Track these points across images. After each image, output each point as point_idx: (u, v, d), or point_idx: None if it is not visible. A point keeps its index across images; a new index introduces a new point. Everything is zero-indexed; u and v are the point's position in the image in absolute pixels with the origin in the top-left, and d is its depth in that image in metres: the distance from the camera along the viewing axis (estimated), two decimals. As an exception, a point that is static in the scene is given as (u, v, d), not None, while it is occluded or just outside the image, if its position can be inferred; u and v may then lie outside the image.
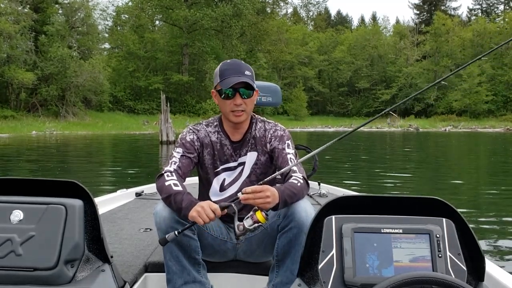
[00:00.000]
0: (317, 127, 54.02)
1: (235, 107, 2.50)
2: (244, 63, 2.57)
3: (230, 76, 2.47)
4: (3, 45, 38.70)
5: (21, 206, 1.95)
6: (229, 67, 2.51)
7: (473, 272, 1.86)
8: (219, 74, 2.51)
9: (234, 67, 2.51)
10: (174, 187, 2.32)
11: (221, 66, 2.55)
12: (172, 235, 2.22)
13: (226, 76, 2.48)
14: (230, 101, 2.50)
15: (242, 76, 2.47)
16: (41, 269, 1.85)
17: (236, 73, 2.47)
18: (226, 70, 2.50)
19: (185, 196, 2.27)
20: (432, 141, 30.48)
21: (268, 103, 3.62)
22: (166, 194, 2.32)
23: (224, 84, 2.47)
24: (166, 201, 2.34)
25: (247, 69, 2.52)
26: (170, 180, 2.36)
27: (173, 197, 2.29)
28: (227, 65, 2.53)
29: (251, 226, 2.17)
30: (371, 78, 69.09)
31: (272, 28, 61.67)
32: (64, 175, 12.10)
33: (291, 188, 2.30)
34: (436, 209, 1.94)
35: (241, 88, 2.48)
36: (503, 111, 57.11)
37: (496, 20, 70.75)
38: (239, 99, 2.49)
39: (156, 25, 63.81)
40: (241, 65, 2.53)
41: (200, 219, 2.15)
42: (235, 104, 2.49)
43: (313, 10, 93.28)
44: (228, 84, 2.46)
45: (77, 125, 39.65)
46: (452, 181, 12.01)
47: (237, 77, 2.46)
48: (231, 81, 2.45)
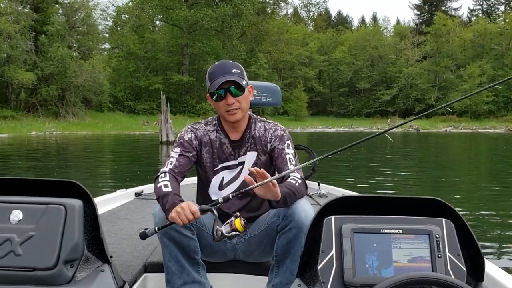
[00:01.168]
0: (318, 128, 54.01)
1: (228, 106, 2.51)
2: (232, 62, 2.59)
3: (217, 77, 2.48)
4: (3, 45, 38.65)
5: (21, 206, 1.95)
6: (216, 69, 2.53)
7: (473, 272, 1.86)
8: (208, 78, 2.54)
9: (220, 68, 2.53)
10: (164, 189, 2.36)
11: (210, 69, 2.58)
12: (152, 230, 2.28)
13: (214, 78, 2.49)
14: (222, 102, 2.52)
15: (229, 75, 2.49)
16: (41, 269, 1.85)
17: (222, 73, 2.49)
18: (214, 72, 2.52)
19: (170, 197, 2.30)
20: (433, 141, 30.48)
21: (268, 103, 3.62)
22: (157, 195, 2.38)
23: (213, 86, 2.49)
24: (158, 202, 2.38)
25: (234, 67, 2.54)
26: (162, 182, 2.40)
27: (161, 199, 2.33)
28: (215, 68, 2.55)
29: (229, 233, 2.20)
30: (372, 78, 69.01)
31: (272, 29, 61.69)
32: (63, 175, 12.11)
33: (291, 188, 2.30)
34: (435, 209, 1.94)
35: (231, 87, 2.49)
36: (504, 111, 57.05)
37: (497, 21, 70.65)
38: (230, 98, 2.50)
39: (157, 25, 63.81)
40: (228, 64, 2.55)
41: (178, 219, 2.19)
42: (227, 104, 2.51)
43: (314, 11, 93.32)
44: (216, 86, 2.47)
45: (77, 125, 39.65)
46: (453, 181, 12.01)
47: (224, 77, 2.47)
48: (218, 82, 2.47)
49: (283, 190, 2.24)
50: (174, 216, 2.19)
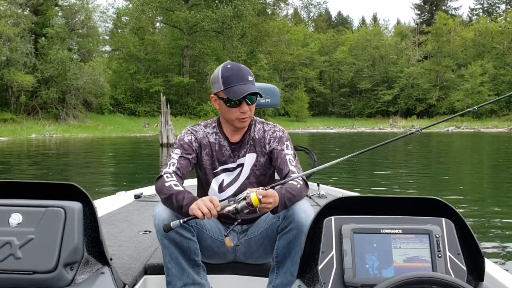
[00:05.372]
0: (319, 128, 53.94)
1: (242, 114, 2.50)
2: (244, 67, 2.53)
3: (237, 85, 2.44)
4: (3, 47, 38.61)
5: (20, 209, 1.95)
6: (233, 73, 2.47)
7: (473, 272, 1.86)
8: (223, 82, 2.47)
9: (238, 73, 2.47)
10: (175, 187, 2.33)
11: (222, 71, 2.49)
12: (177, 223, 2.20)
13: (232, 84, 2.44)
14: (236, 109, 2.49)
15: (249, 84, 2.46)
16: (40, 272, 1.85)
17: (241, 80, 2.45)
18: (230, 77, 2.46)
19: (187, 194, 2.29)
20: (435, 141, 30.43)
21: (267, 105, 3.62)
22: (167, 195, 2.33)
23: (231, 93, 2.44)
24: (166, 202, 2.35)
25: (249, 74, 2.50)
26: (170, 181, 2.37)
27: (175, 196, 2.29)
28: (229, 71, 2.48)
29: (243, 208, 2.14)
30: (373, 78, 68.99)
31: (273, 29, 61.60)
32: (63, 178, 12.10)
33: (290, 191, 2.29)
34: (435, 209, 1.94)
35: (248, 96, 2.48)
36: (506, 111, 56.95)
37: (498, 20, 70.60)
38: (246, 106, 2.49)
39: (157, 27, 63.81)
40: (244, 71, 2.50)
41: (199, 211, 2.15)
42: (241, 112, 2.49)
43: (314, 11, 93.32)
44: (237, 95, 2.43)
45: (77, 128, 39.61)
46: (453, 181, 12.01)
47: (244, 86, 2.44)
48: (240, 92, 2.43)
49: (282, 195, 2.24)
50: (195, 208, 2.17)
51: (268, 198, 2.16)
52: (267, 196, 2.16)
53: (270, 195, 2.17)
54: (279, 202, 2.22)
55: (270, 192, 2.18)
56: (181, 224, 2.20)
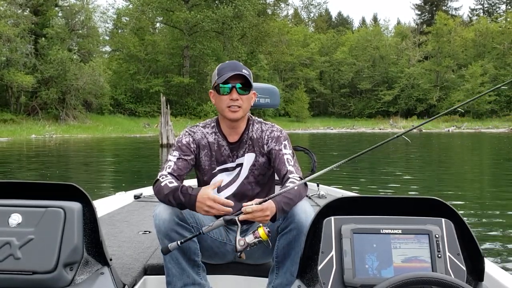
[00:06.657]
0: (319, 129, 53.93)
1: (231, 102, 2.52)
2: (241, 64, 2.60)
3: (228, 72, 2.50)
4: (3, 48, 38.63)
5: (20, 209, 1.95)
6: (227, 66, 2.56)
7: (473, 272, 1.86)
8: (217, 73, 2.56)
9: (231, 65, 2.56)
10: (170, 185, 2.37)
11: (219, 66, 2.61)
12: (175, 244, 2.20)
13: (224, 73, 2.51)
14: (226, 96, 2.52)
15: (240, 73, 2.50)
16: (40, 273, 1.85)
17: (233, 69, 2.51)
18: (224, 68, 2.55)
19: (185, 188, 2.33)
20: (435, 141, 30.43)
21: (266, 105, 3.62)
22: (165, 193, 2.36)
23: (221, 79, 2.50)
24: (165, 199, 2.37)
25: (244, 68, 2.56)
26: (166, 181, 2.40)
27: (172, 193, 2.34)
28: (225, 64, 2.59)
29: (252, 241, 2.16)
30: (373, 79, 68.96)
31: (273, 30, 61.58)
32: (62, 178, 12.09)
33: (287, 195, 2.27)
34: (435, 209, 1.94)
35: (238, 85, 2.51)
36: (506, 111, 56.97)
37: (498, 20, 70.59)
38: (235, 94, 2.51)
39: (157, 27, 63.82)
40: (238, 64, 2.58)
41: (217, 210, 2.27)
42: (231, 99, 2.51)
43: (314, 12, 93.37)
44: (224, 78, 2.49)
45: (77, 128, 39.60)
46: (454, 181, 12.00)
47: (235, 72, 2.49)
48: (227, 75, 2.48)
49: (277, 202, 2.22)
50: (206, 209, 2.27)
51: (264, 212, 2.17)
52: (263, 209, 2.16)
53: (265, 208, 2.17)
54: (276, 210, 2.21)
55: (265, 206, 2.17)
56: (178, 245, 2.21)
